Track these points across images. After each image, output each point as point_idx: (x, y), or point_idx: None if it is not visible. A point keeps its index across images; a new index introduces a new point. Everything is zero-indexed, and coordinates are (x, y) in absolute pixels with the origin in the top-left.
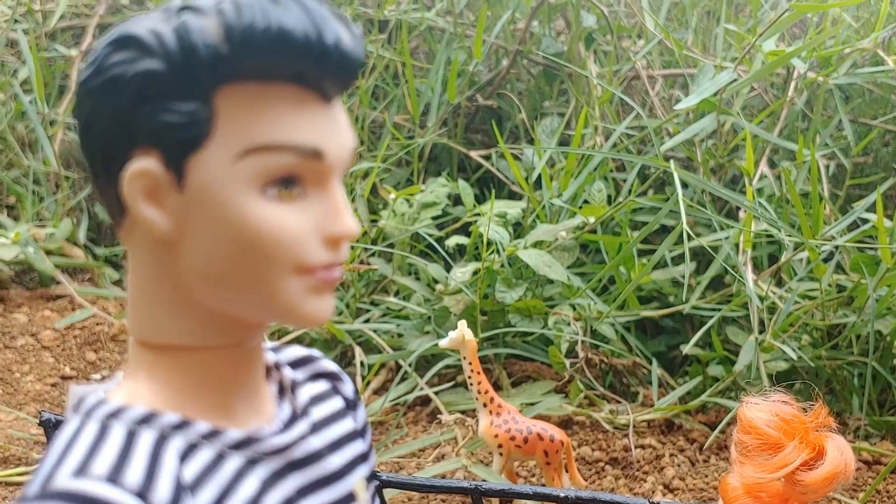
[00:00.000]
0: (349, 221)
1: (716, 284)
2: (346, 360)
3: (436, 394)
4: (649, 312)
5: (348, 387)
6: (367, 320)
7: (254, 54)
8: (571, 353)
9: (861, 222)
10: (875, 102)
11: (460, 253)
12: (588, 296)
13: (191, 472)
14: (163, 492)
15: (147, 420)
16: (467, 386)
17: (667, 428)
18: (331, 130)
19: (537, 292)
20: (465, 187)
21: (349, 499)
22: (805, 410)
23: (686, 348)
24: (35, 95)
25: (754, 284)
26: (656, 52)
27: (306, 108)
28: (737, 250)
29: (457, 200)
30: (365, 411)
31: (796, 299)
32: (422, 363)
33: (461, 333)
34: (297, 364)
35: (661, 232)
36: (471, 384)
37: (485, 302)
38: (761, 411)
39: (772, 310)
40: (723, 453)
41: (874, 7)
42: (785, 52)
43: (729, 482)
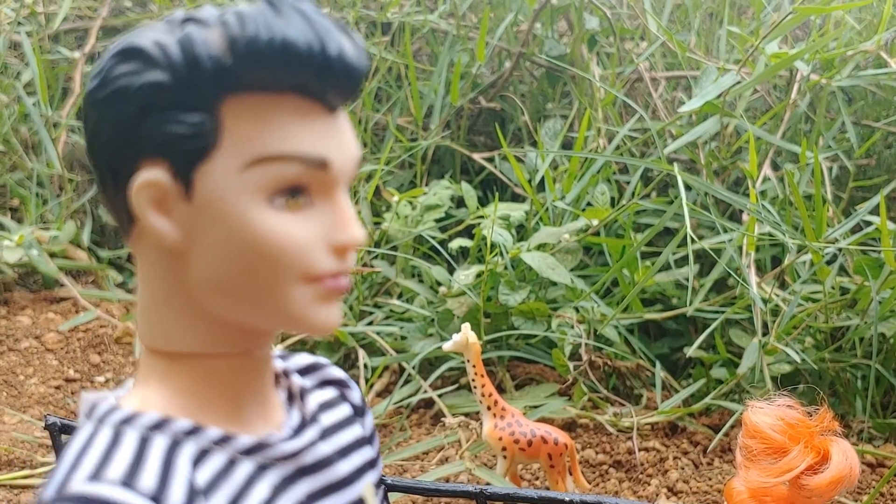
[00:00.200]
0: (355, 230)
1: (719, 287)
2: (349, 362)
3: (439, 396)
4: (653, 315)
5: (356, 394)
6: (370, 323)
7: (258, 66)
8: (575, 355)
9: (864, 225)
10: (878, 104)
11: (463, 255)
12: (591, 298)
13: (203, 476)
14: (177, 496)
15: (160, 426)
16: (471, 389)
17: (670, 431)
18: (336, 140)
19: (541, 295)
20: (468, 190)
21: None
22: (810, 415)
23: (690, 351)
24: (38, 98)
25: (758, 287)
26: (659, 54)
27: (311, 118)
28: (740, 253)
29: (460, 203)
30: (372, 418)
31: (800, 302)
32: (425, 365)
33: (465, 336)
34: (305, 371)
35: (665, 234)
36: (474, 387)
37: (488, 304)
38: (766, 416)
39: (775, 312)
40: (727, 456)
41: (877, 9)
42: (788, 54)
43: (734, 486)
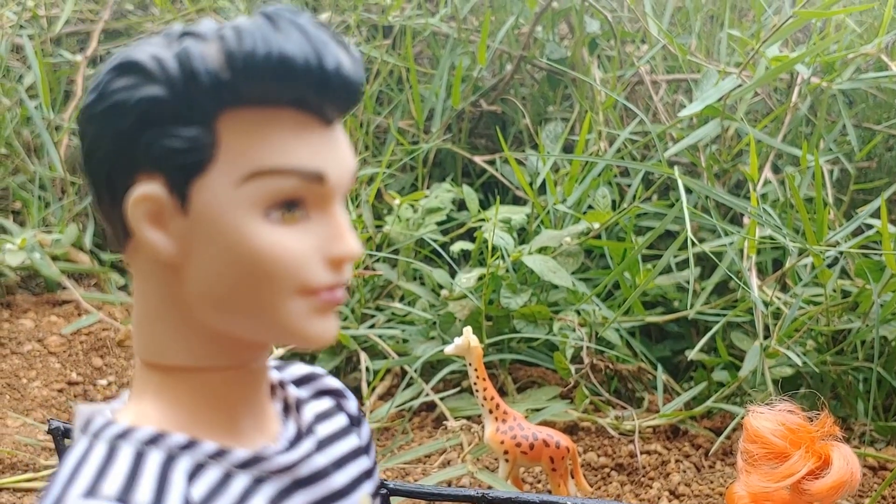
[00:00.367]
0: (352, 243)
1: (720, 290)
2: (351, 365)
3: (441, 400)
4: (654, 318)
5: (352, 403)
6: (372, 326)
7: (255, 80)
8: (576, 358)
9: (865, 228)
10: (879, 107)
11: (465, 258)
12: (593, 301)
13: (199, 491)
14: None
15: (155, 440)
16: (473, 392)
17: (672, 434)
18: (332, 153)
19: (542, 298)
20: (469, 193)
21: None
22: (811, 419)
23: (691, 354)
24: (40, 101)
25: (759, 290)
26: (660, 57)
27: (308, 132)
28: (741, 256)
29: (461, 206)
30: (369, 427)
31: (801, 305)
32: (427, 368)
33: (467, 340)
34: (300, 382)
35: (666, 237)
36: (476, 390)
37: (490, 307)
38: (767, 420)
39: (776, 315)
40: (728, 459)
41: (878, 12)
42: (789, 57)
43: (735, 491)
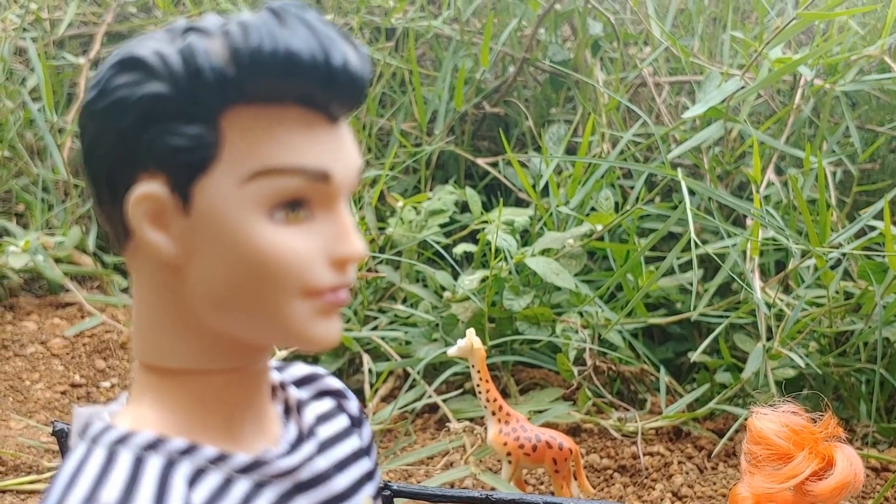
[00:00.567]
0: (356, 243)
1: (723, 291)
2: (354, 367)
3: (444, 401)
4: (657, 319)
5: (353, 404)
6: (375, 328)
7: (261, 77)
8: (579, 360)
9: (868, 229)
10: (882, 109)
11: (468, 260)
12: (596, 303)
13: (199, 497)
14: None
15: (154, 446)
16: (475, 393)
17: (675, 435)
18: (338, 152)
19: (545, 300)
20: (472, 195)
21: None
22: (814, 420)
23: (694, 355)
24: (44, 103)
25: (762, 291)
26: (663, 59)
27: (313, 129)
28: (744, 257)
29: (464, 208)
30: (370, 428)
31: (804, 306)
32: (430, 370)
33: (469, 342)
34: (301, 382)
35: (669, 239)
36: (479, 392)
37: (493, 309)
38: (771, 422)
39: (779, 317)
40: (731, 460)
41: (881, 13)
42: (791, 59)
43: (739, 492)
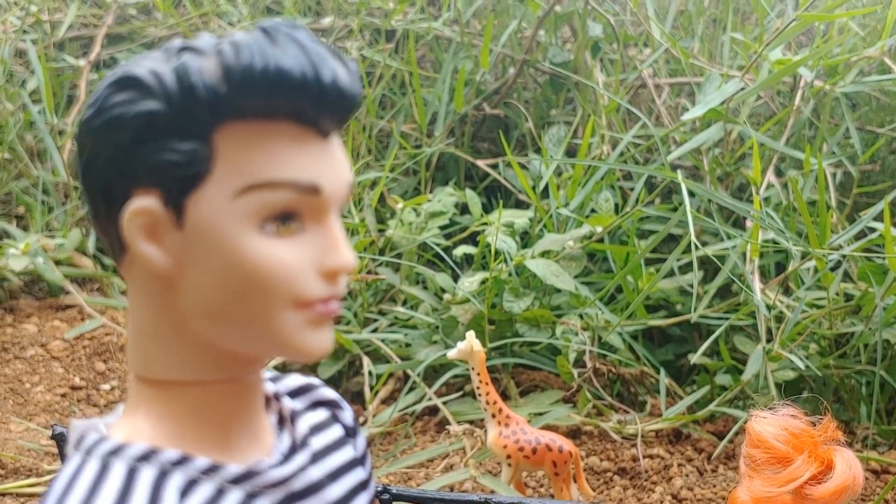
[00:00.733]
0: (347, 255)
1: (723, 293)
2: (354, 369)
3: (444, 404)
4: (657, 321)
5: (348, 414)
6: (374, 330)
7: (252, 94)
8: (579, 362)
9: (868, 231)
10: (882, 110)
11: (468, 262)
12: (596, 305)
13: None
14: None
15: (147, 457)
16: (475, 396)
17: (675, 438)
18: (328, 166)
19: (545, 302)
20: (472, 196)
21: None
22: (813, 424)
23: (694, 357)
24: (44, 106)
25: (762, 293)
26: (662, 60)
27: (304, 144)
28: (744, 259)
29: (464, 209)
30: (364, 438)
31: (804, 308)
32: (430, 372)
33: (469, 344)
34: (296, 393)
35: (669, 241)
36: (479, 395)
37: (492, 311)
38: (770, 425)
39: (779, 319)
40: (731, 463)
41: (881, 15)
42: (791, 60)
43: (738, 496)
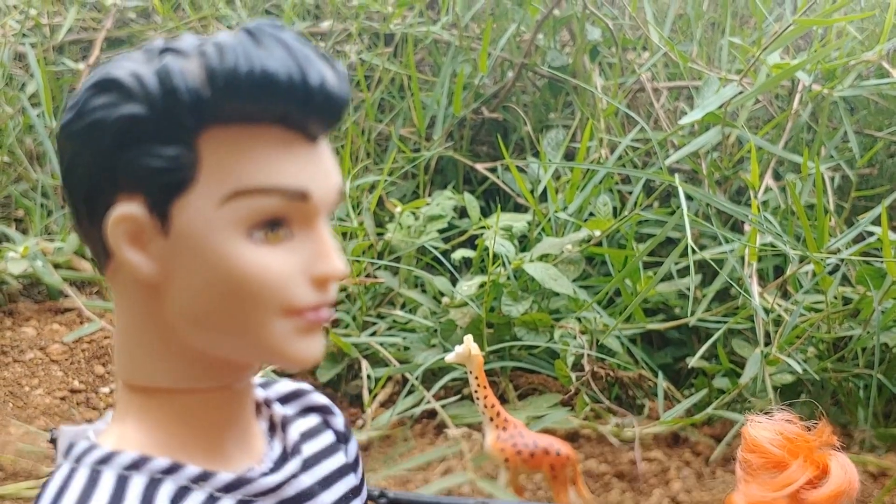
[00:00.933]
0: (336, 262)
1: (721, 297)
2: (352, 373)
3: (442, 407)
4: (655, 325)
5: (339, 420)
6: (373, 333)
7: (237, 98)
8: (577, 365)
9: (866, 235)
10: (880, 114)
11: (466, 266)
12: (594, 309)
13: None
14: None
15: (137, 465)
16: (474, 399)
17: (673, 441)
18: (316, 171)
19: (543, 305)
20: (470, 200)
21: None
22: (809, 429)
23: (692, 361)
24: (43, 109)
25: (760, 297)
26: (661, 64)
27: (291, 149)
28: (742, 263)
29: (463, 213)
30: (356, 443)
31: (802, 312)
32: (428, 376)
33: (467, 348)
34: (287, 399)
35: (667, 244)
36: (477, 399)
37: (491, 315)
38: (766, 430)
39: (777, 322)
40: (729, 466)
41: (878, 19)
42: (790, 64)
43: (734, 500)
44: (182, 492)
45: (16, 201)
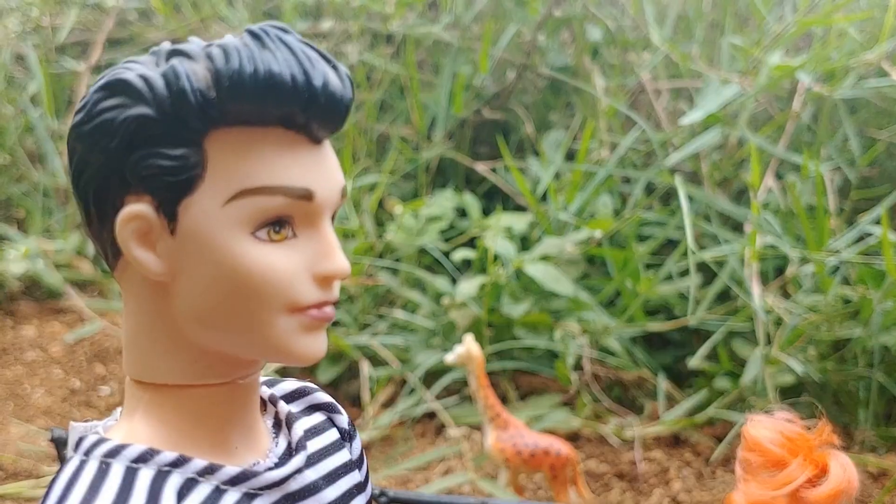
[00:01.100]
0: (340, 260)
1: (722, 297)
2: (352, 373)
3: (443, 408)
4: (656, 326)
5: (343, 418)
6: (373, 334)
7: (242, 99)
8: (578, 366)
9: (867, 235)
10: (880, 114)
11: (467, 266)
12: (594, 309)
13: None
14: None
15: (145, 458)
16: (474, 399)
17: (673, 441)
18: (320, 171)
19: (543, 306)
20: (471, 201)
21: None
22: (809, 428)
23: (692, 362)
24: (43, 110)
25: (760, 298)
26: (662, 64)
27: (296, 150)
28: (743, 264)
29: (463, 213)
30: (360, 441)
31: (802, 313)
32: (429, 376)
33: (467, 349)
34: (291, 397)
35: (668, 245)
36: (477, 399)
37: (491, 315)
38: (765, 429)
39: (778, 323)
40: (729, 466)
41: (879, 20)
42: (790, 65)
43: (734, 499)
44: (189, 484)
45: (16, 201)
